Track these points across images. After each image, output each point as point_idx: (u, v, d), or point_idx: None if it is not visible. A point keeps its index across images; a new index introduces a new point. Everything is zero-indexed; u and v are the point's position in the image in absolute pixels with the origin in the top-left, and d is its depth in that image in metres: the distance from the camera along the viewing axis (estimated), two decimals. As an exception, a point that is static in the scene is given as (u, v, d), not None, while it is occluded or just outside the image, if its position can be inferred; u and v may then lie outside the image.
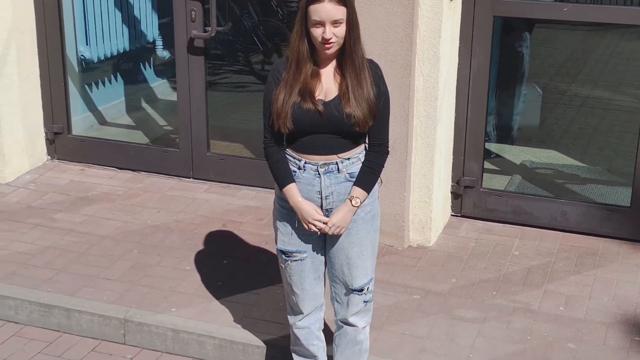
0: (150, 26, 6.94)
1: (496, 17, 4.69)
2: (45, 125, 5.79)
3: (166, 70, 7.52)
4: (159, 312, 4.14)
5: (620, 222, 4.77)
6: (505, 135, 6.21)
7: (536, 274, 4.49)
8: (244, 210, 5.22)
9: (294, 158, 3.22)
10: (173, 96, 7.42)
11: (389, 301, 4.21)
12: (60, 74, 5.68)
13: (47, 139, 5.82)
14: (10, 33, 5.38)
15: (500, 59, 5.74)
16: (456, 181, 5.00)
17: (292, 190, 3.22)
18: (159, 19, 7.04)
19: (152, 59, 7.32)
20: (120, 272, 4.50)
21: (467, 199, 5.03)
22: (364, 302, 3.40)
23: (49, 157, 5.87)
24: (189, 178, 5.61)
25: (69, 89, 5.79)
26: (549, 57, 8.49)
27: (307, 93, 3.12)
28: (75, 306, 4.19)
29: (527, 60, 6.16)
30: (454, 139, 4.93)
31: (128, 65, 7.09)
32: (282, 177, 3.24)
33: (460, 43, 4.74)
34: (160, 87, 7.42)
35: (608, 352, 3.85)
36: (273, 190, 5.29)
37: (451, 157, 4.96)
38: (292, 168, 3.23)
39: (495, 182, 5.40)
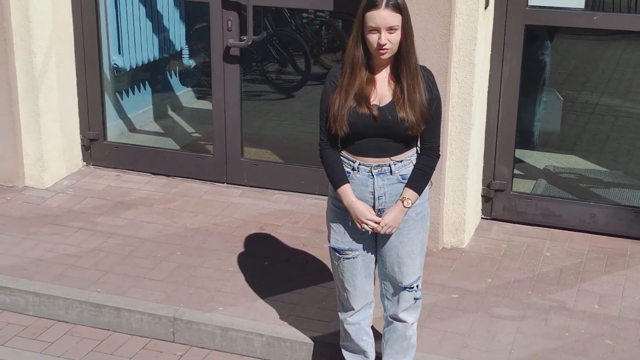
0: (177, 35, 7.10)
1: (528, 26, 4.83)
2: (81, 132, 5.93)
3: (191, 78, 7.68)
4: (207, 311, 4.27)
5: (648, 224, 4.92)
6: (527, 140, 6.36)
7: (569, 274, 4.64)
8: (279, 213, 5.35)
9: (349, 160, 3.37)
10: (197, 104, 7.60)
11: (429, 300, 4.34)
12: (97, 82, 5.82)
13: (82, 145, 5.96)
14: (51, 40, 5.53)
15: (523, 66, 5.88)
16: (487, 184, 5.15)
17: (346, 191, 3.36)
18: (186, 28, 7.20)
19: (177, 67, 7.48)
20: (166, 273, 4.63)
21: (497, 202, 5.17)
22: (415, 299, 3.54)
23: (85, 163, 6.01)
24: (223, 183, 5.75)
25: (105, 97, 5.93)
26: (568, 64, 8.66)
27: (363, 98, 3.26)
28: (126, 305, 4.32)
29: (548, 68, 6.32)
30: (485, 143, 5.08)
31: (155, 74, 7.25)
32: (336, 178, 3.38)
33: (492, 50, 4.89)
34: (185, 95, 7.58)
35: (644, 347, 3.99)
36: (305, 194, 5.57)
37: (482, 160, 5.10)
38: (347, 169, 3.37)
39: (520, 186, 5.54)
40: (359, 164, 3.35)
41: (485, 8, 4.63)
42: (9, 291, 4.48)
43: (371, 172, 3.34)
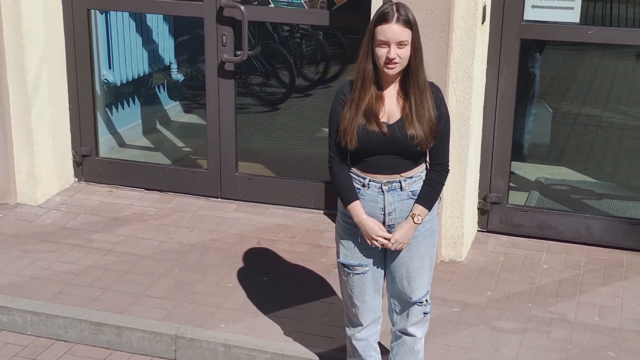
0: (166, 50, 7.08)
1: (523, 40, 4.88)
2: (73, 148, 5.88)
3: (179, 93, 7.66)
4: (209, 328, 4.25)
5: (644, 235, 4.97)
6: (518, 152, 6.40)
7: (567, 286, 4.67)
8: (276, 228, 5.34)
9: (359, 176, 3.37)
10: (186, 118, 7.58)
11: (431, 314, 4.33)
12: (89, 97, 5.79)
13: (74, 161, 5.91)
14: (43, 57, 5.49)
15: (518, 79, 5.94)
16: (483, 197, 5.17)
17: (356, 208, 3.36)
18: (174, 43, 7.19)
19: (166, 81, 7.45)
20: (165, 289, 4.60)
21: (493, 214, 5.20)
22: (424, 313, 3.55)
23: (76, 179, 5.96)
24: (217, 198, 5.73)
25: (97, 112, 5.90)
26: (547, 75, 8.77)
27: (372, 115, 3.27)
28: (127, 324, 4.29)
29: (538, 80, 6.39)
30: (481, 157, 5.11)
31: (144, 88, 7.22)
32: (347, 194, 3.38)
33: (487, 64, 4.93)
34: (173, 110, 7.56)
35: (646, 358, 4.03)
36: (300, 209, 5.57)
37: (478, 174, 5.13)
38: (357, 186, 3.37)
39: (513, 198, 5.55)
40: (370, 181, 3.35)
41: (482, 22, 4.67)
42: (7, 310, 4.43)
43: (381, 189, 3.34)
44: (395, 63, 3.20)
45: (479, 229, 5.27)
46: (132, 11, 6.26)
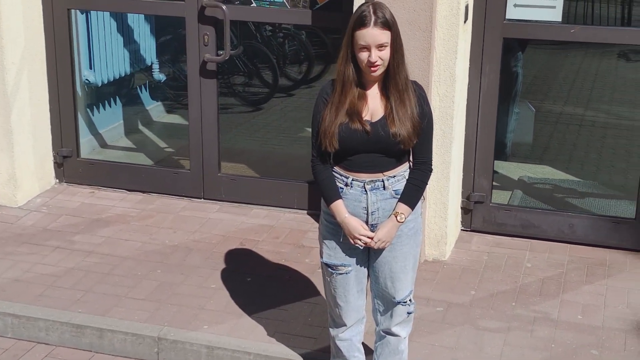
0: (148, 50, 7.04)
1: (506, 39, 4.88)
2: (54, 149, 5.83)
3: (161, 93, 7.62)
4: (192, 330, 4.22)
5: (626, 234, 4.98)
6: (501, 151, 6.41)
7: (551, 285, 4.67)
8: (259, 229, 5.32)
9: (342, 175, 3.35)
10: (168, 118, 7.54)
11: (415, 313, 4.31)
12: (70, 98, 5.74)
13: (55, 163, 5.86)
14: (23, 57, 5.43)
15: (500, 78, 5.94)
16: (466, 197, 5.17)
17: (339, 207, 3.35)
18: (156, 42, 7.15)
19: (148, 82, 7.41)
20: (147, 291, 4.56)
21: (477, 213, 5.20)
22: (408, 313, 3.54)
23: (57, 181, 5.91)
24: (200, 198, 5.70)
25: (77, 113, 5.85)
26: (539, 76, 8.81)
27: (355, 114, 3.26)
28: (108, 326, 4.25)
29: (520, 79, 6.39)
30: (464, 156, 5.10)
31: (126, 89, 7.18)
32: (329, 193, 3.36)
33: (470, 63, 4.93)
34: (156, 110, 7.52)
35: (630, 357, 4.03)
36: (283, 209, 5.55)
37: (461, 173, 5.13)
38: (339, 185, 3.36)
39: (496, 197, 5.55)
40: (352, 180, 3.34)
41: (465, 22, 4.67)
42: (-13, 313, 4.39)
43: (364, 188, 3.33)
44: (378, 65, 3.19)
45: (462, 228, 5.26)
46: (112, 11, 6.22)
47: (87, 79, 6.31)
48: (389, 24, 3.18)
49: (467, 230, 5.27)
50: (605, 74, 9.20)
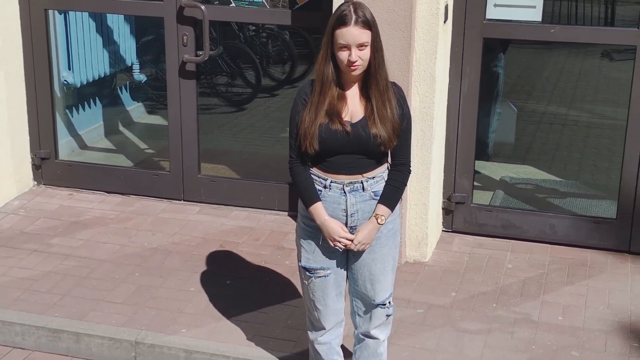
0: (128, 50, 6.98)
1: (486, 39, 4.86)
2: (31, 151, 5.77)
3: (142, 93, 7.56)
4: (170, 334, 4.17)
5: (607, 234, 4.96)
6: (482, 151, 6.39)
7: (532, 286, 4.66)
8: (239, 230, 5.28)
9: (320, 177, 3.32)
10: (149, 119, 7.49)
11: (395, 316, 4.22)
12: (47, 99, 5.68)
13: (33, 165, 5.80)
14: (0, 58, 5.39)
15: (481, 78, 5.92)
16: (447, 197, 5.15)
17: (318, 209, 3.31)
18: (136, 43, 7.09)
19: (128, 82, 7.35)
20: (125, 295, 4.52)
21: (458, 214, 5.18)
22: (387, 315, 3.51)
23: (35, 183, 5.85)
24: (180, 200, 5.65)
25: (55, 114, 5.79)
26: (512, 73, 8.80)
27: (335, 114, 3.22)
28: (85, 330, 4.20)
29: (502, 79, 6.37)
30: (445, 157, 5.08)
31: (106, 89, 7.12)
32: (308, 196, 3.33)
33: (450, 64, 4.90)
34: (136, 111, 7.46)
35: (610, 358, 4.01)
36: (264, 210, 5.50)
37: (442, 174, 5.10)
38: (318, 187, 3.32)
39: (478, 197, 5.53)
40: (331, 182, 3.30)
41: (445, 22, 4.64)
42: (-38, 318, 4.33)
43: (343, 190, 3.30)
44: (357, 65, 3.16)
45: (443, 229, 5.24)
46: (90, 11, 6.16)
47: (65, 80, 6.24)
48: (370, 24, 3.16)
49: (448, 231, 5.24)
50: (589, 74, 9.22)
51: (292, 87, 8.31)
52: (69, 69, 6.24)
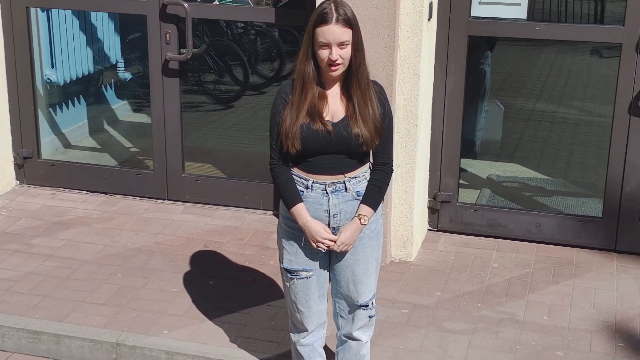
0: (112, 48, 6.92)
1: (471, 37, 4.82)
2: (14, 150, 5.71)
3: (127, 91, 7.50)
4: (152, 335, 4.13)
5: (593, 233, 4.94)
6: (469, 150, 6.36)
7: (517, 285, 4.63)
8: (223, 230, 5.23)
9: (302, 178, 3.27)
10: (134, 117, 7.42)
11: (380, 316, 4.26)
12: (29, 98, 5.62)
13: (15, 164, 5.74)
14: (-20, 57, 5.32)
15: (466, 76, 5.89)
16: (433, 196, 5.11)
17: (300, 210, 3.27)
18: (121, 40, 7.03)
19: (113, 80, 7.29)
20: (107, 296, 4.47)
21: (443, 213, 5.14)
22: (369, 316, 3.47)
23: (18, 182, 5.79)
24: (164, 200, 5.60)
25: (38, 113, 5.73)
26: (502, 71, 8.77)
27: (316, 114, 3.18)
28: (66, 332, 4.15)
29: (489, 77, 6.35)
30: (430, 155, 5.05)
31: (90, 87, 7.06)
32: (290, 197, 3.28)
33: (435, 62, 4.87)
34: (121, 109, 7.40)
35: (595, 358, 3.98)
36: (249, 210, 5.46)
37: (428, 172, 5.07)
38: (300, 188, 3.28)
39: (464, 195, 5.51)
40: (313, 182, 3.26)
41: (429, 19, 4.61)
42: (-59, 320, 4.27)
43: (325, 190, 3.25)
44: (338, 64, 3.12)
45: (429, 228, 5.21)
46: (72, 9, 6.10)
47: (48, 78, 6.18)
48: (351, 22, 3.11)
49: (434, 230, 5.21)
50: (578, 71, 9.19)
51: (280, 84, 8.22)
52: (52, 67, 6.19)
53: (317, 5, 4.44)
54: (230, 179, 5.67)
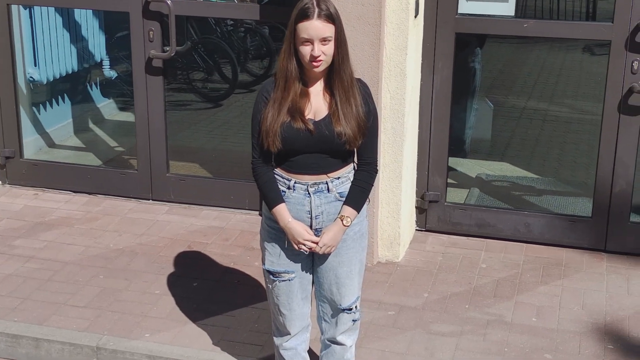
0: (97, 46, 6.84)
1: (458, 34, 4.75)
2: (-5, 150, 5.63)
3: (113, 90, 7.41)
4: (133, 339, 4.05)
5: (583, 232, 4.88)
6: (458, 148, 6.29)
7: (505, 286, 4.56)
8: (208, 230, 5.15)
9: (284, 178, 3.20)
10: (120, 116, 7.34)
11: (366, 318, 4.20)
12: (11, 98, 5.53)
13: (-3, 164, 5.66)
14: (-40, 55, 5.23)
15: (454, 74, 5.82)
16: (421, 196, 5.04)
17: (282, 211, 3.19)
18: (106, 38, 6.94)
19: (98, 79, 7.20)
20: (88, 298, 4.38)
21: (431, 213, 5.07)
22: (353, 320, 3.40)
23: (0, 182, 5.70)
24: (148, 200, 5.52)
25: (20, 112, 5.64)
26: (494, 68, 8.71)
27: (297, 112, 3.10)
28: (45, 335, 4.06)
29: (479, 75, 6.27)
30: (418, 154, 4.98)
31: (75, 86, 6.97)
32: (271, 197, 3.21)
33: (422, 59, 4.80)
34: (107, 107, 7.32)
35: (584, 360, 3.93)
36: (234, 210, 5.38)
37: (415, 172, 5.00)
38: (282, 188, 3.20)
39: (453, 195, 5.44)
40: (295, 182, 3.18)
41: (415, 16, 4.53)
42: None
43: (308, 191, 3.18)
44: (321, 60, 3.04)
45: (417, 228, 5.14)
46: (54, 6, 6.01)
47: (31, 77, 6.09)
48: (333, 17, 3.04)
49: (422, 230, 5.14)
50: (570, 68, 9.13)
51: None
52: (35, 65, 6.09)
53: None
54: (215, 178, 5.59)
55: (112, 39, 7.13)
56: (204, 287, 4.51)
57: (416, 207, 5.08)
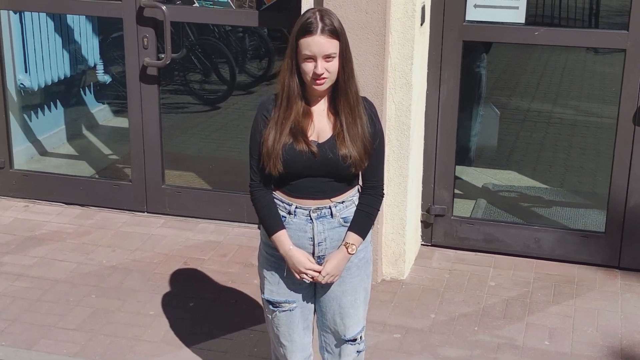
0: (90, 51, 6.63)
1: (465, 42, 4.55)
2: (-16, 160, 5.43)
3: (107, 95, 7.20)
4: (126, 364, 3.86)
5: (595, 248, 4.68)
6: (464, 157, 6.10)
7: (516, 306, 4.36)
8: (205, 245, 4.96)
9: (284, 202, 3.00)
10: (115, 122, 7.13)
11: (370, 342, 4.00)
12: (0, 105, 5.32)
13: (-14, 175, 5.46)
14: (-54, 63, 5.02)
15: (461, 83, 5.63)
16: (426, 210, 4.85)
17: (282, 238, 2.99)
18: (99, 43, 6.73)
19: (92, 83, 6.99)
20: (80, 320, 4.19)
21: (437, 227, 4.88)
22: (357, 351, 3.20)
23: (-11, 194, 5.51)
24: (143, 212, 5.32)
25: (10, 120, 5.43)
26: (505, 71, 8.52)
27: (300, 133, 2.90)
28: (34, 361, 3.88)
29: (484, 81, 6.07)
30: (424, 167, 4.78)
31: (68, 91, 6.76)
32: (271, 223, 3.01)
33: (428, 69, 4.60)
34: (101, 113, 7.11)
35: (600, 388, 3.74)
36: (232, 223, 5.18)
37: (421, 185, 4.80)
38: (282, 213, 3.00)
39: (459, 206, 5.24)
40: (296, 207, 2.98)
41: (421, 24, 4.33)
42: None
43: (310, 216, 2.98)
44: (324, 78, 2.84)
45: (422, 243, 4.94)
46: (46, 12, 5.79)
47: (22, 83, 5.89)
48: (338, 33, 2.83)
49: (427, 245, 4.94)
50: (574, 68, 8.93)
51: (269, 83, 8.00)
52: (26, 72, 5.89)
53: (303, 7, 4.20)
54: (212, 190, 5.40)
55: (106, 41, 6.91)
56: (201, 307, 4.31)
57: (421, 222, 4.88)
